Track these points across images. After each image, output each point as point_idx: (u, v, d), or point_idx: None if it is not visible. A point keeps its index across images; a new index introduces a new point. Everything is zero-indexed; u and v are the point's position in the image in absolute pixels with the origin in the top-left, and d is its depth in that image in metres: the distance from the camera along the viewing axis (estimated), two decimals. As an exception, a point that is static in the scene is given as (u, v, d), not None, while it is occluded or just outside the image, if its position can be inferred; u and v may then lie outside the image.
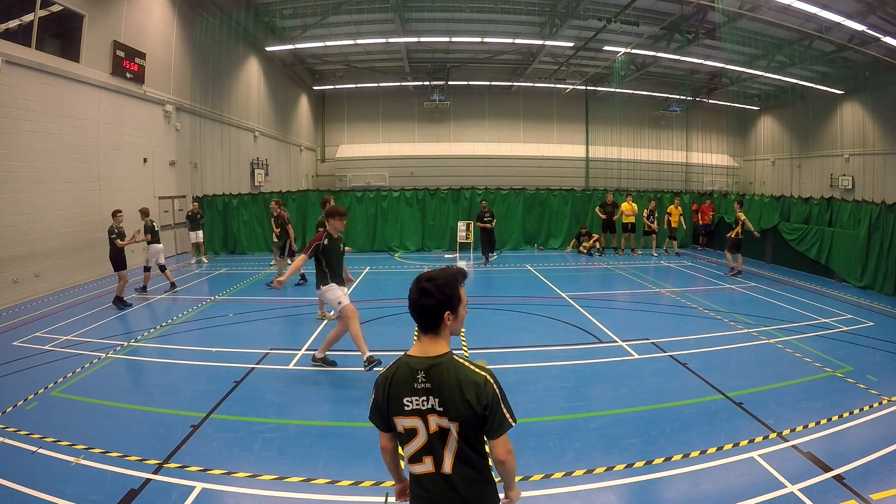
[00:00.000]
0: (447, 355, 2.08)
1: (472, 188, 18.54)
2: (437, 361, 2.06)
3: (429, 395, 2.03)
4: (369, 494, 4.02)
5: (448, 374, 2.03)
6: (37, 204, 11.08)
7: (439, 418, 2.03)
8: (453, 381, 2.02)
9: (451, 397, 2.01)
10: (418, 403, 2.04)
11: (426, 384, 2.03)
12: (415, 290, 2.11)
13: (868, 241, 11.75)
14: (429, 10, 20.26)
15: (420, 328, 2.12)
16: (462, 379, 2.02)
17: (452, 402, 2.01)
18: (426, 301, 2.10)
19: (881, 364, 6.86)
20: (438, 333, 2.12)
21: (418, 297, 2.11)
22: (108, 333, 8.36)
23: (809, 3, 16.48)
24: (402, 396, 2.06)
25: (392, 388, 2.08)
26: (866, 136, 25.49)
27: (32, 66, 10.87)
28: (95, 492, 3.97)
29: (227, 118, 20.25)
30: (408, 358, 2.11)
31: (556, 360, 7.08)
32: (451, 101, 30.46)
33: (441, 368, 2.04)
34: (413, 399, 2.04)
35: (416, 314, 2.12)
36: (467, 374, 2.04)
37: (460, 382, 2.02)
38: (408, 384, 2.05)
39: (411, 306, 2.13)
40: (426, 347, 2.10)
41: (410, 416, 2.05)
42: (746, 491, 3.94)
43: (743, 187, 33.36)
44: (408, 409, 2.05)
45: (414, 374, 2.05)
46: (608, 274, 13.84)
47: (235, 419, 5.30)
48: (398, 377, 2.08)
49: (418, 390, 2.04)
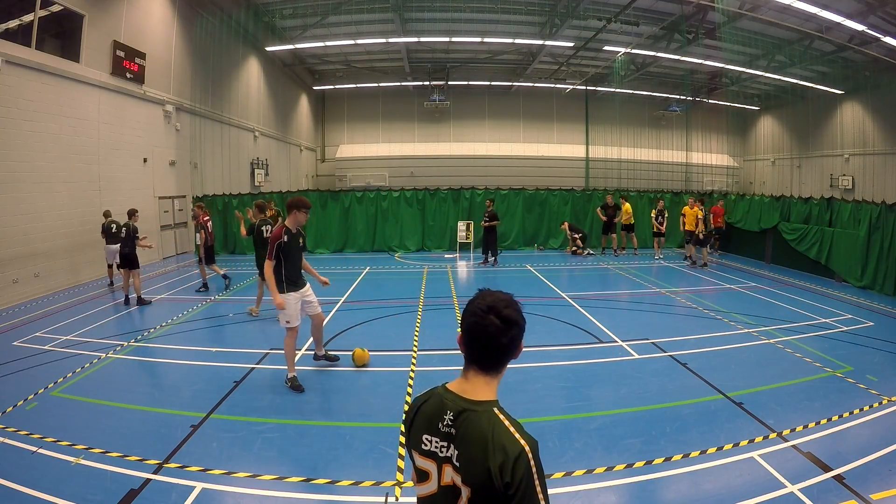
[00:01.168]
0: (489, 404, 1.65)
1: (472, 188, 18.54)
2: (473, 408, 1.64)
3: (450, 442, 1.65)
4: (369, 494, 4.02)
5: (477, 428, 1.61)
6: (37, 204, 11.08)
7: (454, 474, 1.64)
8: (480, 438, 1.59)
9: (472, 456, 1.59)
10: (437, 447, 1.68)
11: (450, 429, 1.65)
12: (496, 322, 1.63)
13: (868, 241, 11.76)
14: (429, 10, 20.26)
15: (473, 361, 1.70)
16: (494, 439, 1.57)
17: (471, 462, 1.59)
18: (506, 337, 1.65)
19: (881, 364, 6.86)
20: (496, 375, 1.71)
21: (503, 330, 1.64)
22: (108, 333, 8.36)
23: (809, 3, 16.49)
24: (422, 432, 1.72)
25: (417, 418, 1.75)
26: (866, 136, 25.49)
27: (32, 66, 10.87)
28: (95, 492, 3.97)
29: (227, 118, 20.25)
30: (444, 391, 1.73)
31: (556, 360, 7.09)
32: (451, 101, 30.48)
33: (473, 417, 1.63)
34: (433, 440, 1.68)
35: (484, 349, 1.66)
36: (501, 436, 1.57)
37: (489, 442, 1.57)
38: (431, 421, 1.70)
39: (483, 338, 1.65)
40: (470, 388, 1.69)
41: (426, 457, 1.70)
42: (746, 491, 3.94)
43: (743, 187, 33.37)
44: (424, 449, 1.70)
45: (442, 413, 1.67)
46: (608, 274, 13.85)
47: (235, 419, 5.30)
48: (426, 409, 1.74)
49: (442, 432, 1.67)
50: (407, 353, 7.23)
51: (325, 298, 10.63)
